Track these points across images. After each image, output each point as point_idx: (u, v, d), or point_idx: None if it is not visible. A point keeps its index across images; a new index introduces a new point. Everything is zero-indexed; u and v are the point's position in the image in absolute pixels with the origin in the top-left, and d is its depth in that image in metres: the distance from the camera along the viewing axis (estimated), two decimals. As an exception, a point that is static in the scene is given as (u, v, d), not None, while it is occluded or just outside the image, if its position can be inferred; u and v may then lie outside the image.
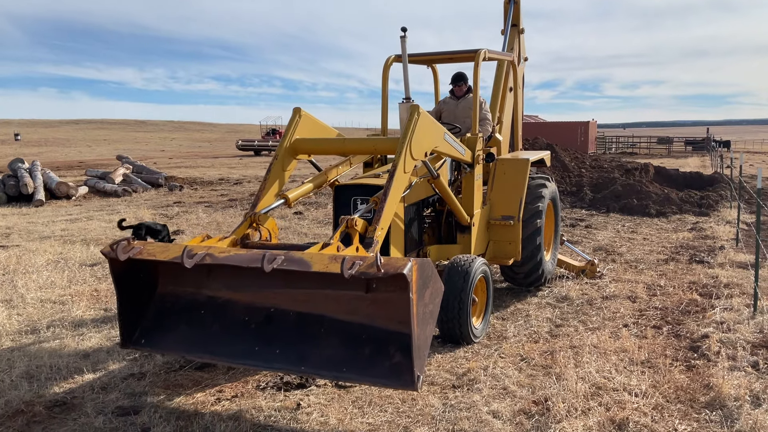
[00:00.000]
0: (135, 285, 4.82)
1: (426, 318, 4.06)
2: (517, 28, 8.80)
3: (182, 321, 4.78)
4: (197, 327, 4.73)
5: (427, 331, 4.10)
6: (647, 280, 8.40)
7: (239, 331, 4.59)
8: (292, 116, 6.06)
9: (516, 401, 4.73)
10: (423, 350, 4.03)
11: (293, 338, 4.42)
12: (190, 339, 4.71)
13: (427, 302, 4.08)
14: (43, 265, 9.14)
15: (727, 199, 16.08)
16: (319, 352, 4.32)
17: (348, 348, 4.25)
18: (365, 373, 4.14)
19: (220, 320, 4.69)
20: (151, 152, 52.18)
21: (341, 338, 4.30)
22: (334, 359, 4.25)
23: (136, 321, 4.87)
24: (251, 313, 4.61)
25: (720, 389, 4.84)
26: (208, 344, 4.62)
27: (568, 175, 18.77)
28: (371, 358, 4.14)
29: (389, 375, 4.05)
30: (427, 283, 4.06)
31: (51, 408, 4.62)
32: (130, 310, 4.82)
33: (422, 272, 3.98)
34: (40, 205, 16.78)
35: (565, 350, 5.77)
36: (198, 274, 4.59)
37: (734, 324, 6.40)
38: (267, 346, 4.43)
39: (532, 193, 7.42)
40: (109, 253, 4.58)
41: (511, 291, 7.89)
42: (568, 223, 13.27)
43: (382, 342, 4.16)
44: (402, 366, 3.98)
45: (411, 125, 5.31)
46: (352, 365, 4.18)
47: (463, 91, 7.61)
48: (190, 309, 4.80)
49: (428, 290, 4.09)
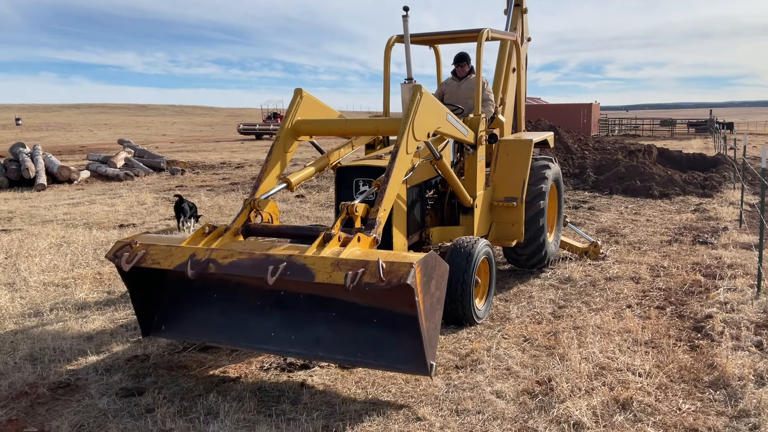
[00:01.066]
0: (145, 276, 4.83)
1: (434, 307, 4.09)
2: (520, 8, 8.71)
3: (196, 305, 4.81)
4: (213, 312, 4.75)
5: (436, 318, 4.14)
6: (651, 261, 8.38)
7: (253, 315, 4.61)
8: (293, 97, 6.02)
9: (519, 381, 4.73)
10: (434, 339, 4.07)
11: (305, 321, 4.43)
12: (207, 323, 4.74)
13: (433, 292, 4.10)
14: (46, 249, 9.14)
15: (730, 180, 16.04)
16: (334, 336, 4.33)
17: (362, 332, 4.26)
18: (380, 357, 4.18)
19: (233, 304, 4.71)
20: (153, 136, 52.09)
21: (355, 322, 4.31)
22: (350, 344, 4.26)
23: (152, 309, 4.93)
24: (262, 297, 4.63)
25: (724, 369, 4.84)
26: (224, 331, 4.65)
27: (571, 157, 18.70)
28: (386, 343, 4.16)
29: (404, 360, 4.10)
30: (431, 275, 4.08)
31: (55, 390, 4.63)
32: (143, 300, 4.88)
33: (425, 269, 4.00)
34: (42, 190, 16.78)
35: (568, 331, 5.77)
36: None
37: (738, 304, 6.39)
38: (282, 331, 4.46)
39: (535, 174, 7.38)
40: (113, 260, 4.62)
41: (514, 272, 7.88)
42: (571, 204, 13.23)
43: (394, 323, 4.18)
44: (416, 351, 4.02)
45: (413, 106, 5.27)
46: (367, 350, 4.20)
47: (465, 71, 7.54)
48: (202, 292, 4.82)
49: (433, 281, 4.12)
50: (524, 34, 8.79)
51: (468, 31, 7.14)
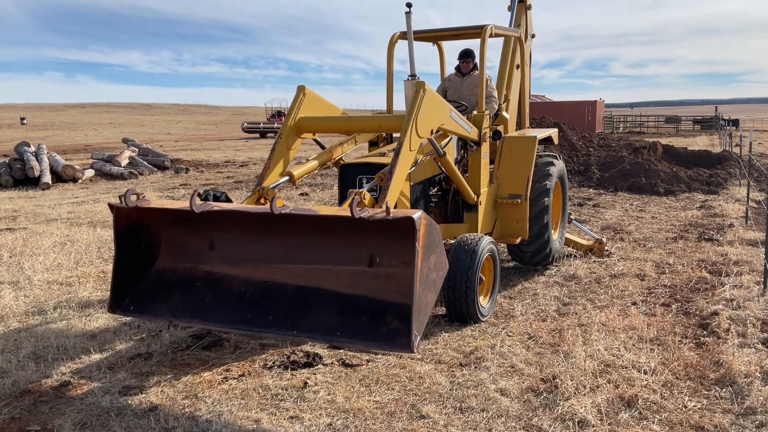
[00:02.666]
0: (134, 253, 4.85)
1: (428, 283, 4.05)
2: (524, 4, 8.67)
3: (177, 293, 4.83)
4: (191, 298, 4.77)
5: (429, 297, 4.08)
6: (656, 259, 8.34)
7: (233, 302, 4.64)
8: (296, 94, 6.00)
9: (524, 379, 4.70)
10: (423, 314, 3.99)
11: (289, 307, 4.44)
12: (179, 307, 4.75)
13: (431, 267, 4.06)
14: (50, 247, 9.14)
15: (736, 177, 15.96)
16: (315, 319, 4.35)
17: (345, 315, 4.27)
18: (360, 336, 4.16)
19: (215, 292, 4.74)
20: (157, 135, 52.15)
21: (339, 308, 4.32)
22: (329, 324, 4.27)
23: (129, 288, 4.88)
24: (249, 286, 4.65)
25: (730, 366, 4.80)
26: (198, 311, 4.67)
27: (576, 154, 18.63)
28: (368, 323, 4.17)
29: (385, 338, 4.06)
30: (433, 247, 4.06)
31: (58, 388, 4.62)
32: (125, 275, 4.84)
33: (429, 231, 4.00)
34: (47, 188, 16.81)
35: (573, 328, 5.74)
36: (200, 245, 4.70)
37: (744, 301, 6.35)
38: (260, 315, 4.47)
39: (539, 171, 7.35)
40: (116, 204, 4.63)
41: (519, 270, 7.85)
42: (576, 202, 13.19)
43: (381, 310, 4.17)
44: (399, 330, 3.98)
45: (416, 102, 5.24)
46: (347, 330, 4.19)
47: (469, 67, 7.51)
48: (187, 283, 4.84)
49: (433, 256, 4.09)
50: (528, 30, 8.75)
51: (471, 27, 7.11)
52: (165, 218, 4.87)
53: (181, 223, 4.85)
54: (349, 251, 4.38)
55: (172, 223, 4.90)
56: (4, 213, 12.71)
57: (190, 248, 4.81)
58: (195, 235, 4.84)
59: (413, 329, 3.84)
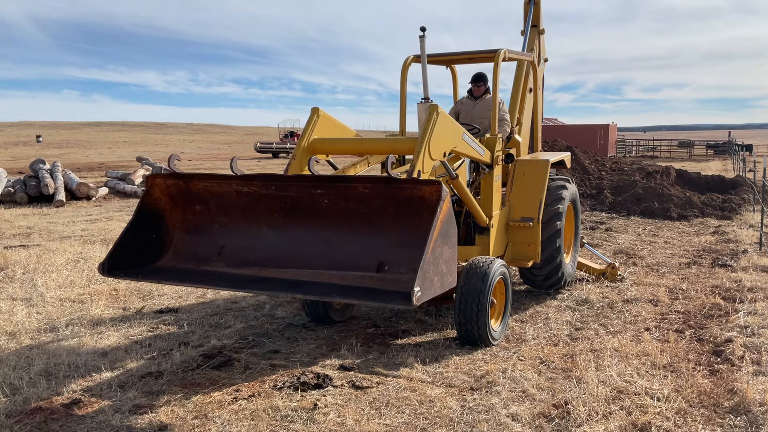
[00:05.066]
0: (150, 229, 5.05)
1: (438, 254, 4.11)
2: (537, 29, 8.72)
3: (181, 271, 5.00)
4: (191, 273, 4.95)
5: (437, 265, 4.12)
6: (669, 284, 8.28)
7: (233, 272, 4.86)
8: (310, 116, 6.05)
9: (535, 404, 4.66)
10: (429, 272, 4.02)
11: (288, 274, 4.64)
12: (173, 274, 4.95)
13: (442, 247, 4.15)
14: (63, 265, 9.20)
15: (749, 203, 15.85)
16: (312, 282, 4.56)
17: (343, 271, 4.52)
18: (357, 294, 4.36)
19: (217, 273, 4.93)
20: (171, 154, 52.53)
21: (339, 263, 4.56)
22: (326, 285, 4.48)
23: (130, 257, 4.95)
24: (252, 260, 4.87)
25: (744, 394, 4.74)
26: (189, 277, 4.90)
27: (588, 177, 18.60)
28: (367, 282, 4.38)
29: (385, 296, 4.23)
30: (448, 236, 4.21)
31: (69, 406, 4.63)
32: (132, 244, 4.94)
33: (449, 212, 4.20)
34: (61, 206, 16.94)
35: (585, 353, 5.69)
36: (212, 244, 4.95)
37: (758, 328, 6.28)
38: (257, 283, 4.70)
39: (551, 194, 7.34)
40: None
41: (530, 293, 7.81)
42: (588, 226, 13.14)
43: (382, 264, 4.42)
44: (407, 284, 4.04)
45: (429, 125, 5.27)
46: (344, 288, 4.40)
47: (481, 91, 7.55)
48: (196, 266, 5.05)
49: (447, 247, 4.21)
50: (541, 54, 8.79)
51: (485, 51, 7.15)
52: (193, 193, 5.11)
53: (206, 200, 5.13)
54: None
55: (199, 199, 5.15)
56: (19, 230, 12.82)
57: (207, 238, 5.02)
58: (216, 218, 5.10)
59: (416, 281, 3.86)
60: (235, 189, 4.87)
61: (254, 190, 4.83)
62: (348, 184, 4.70)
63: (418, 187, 4.31)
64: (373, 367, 5.39)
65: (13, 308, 7.00)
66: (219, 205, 5.07)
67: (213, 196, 5.04)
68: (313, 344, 6.01)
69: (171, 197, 5.10)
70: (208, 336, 6.19)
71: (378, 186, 4.49)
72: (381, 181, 4.50)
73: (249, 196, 4.87)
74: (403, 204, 4.41)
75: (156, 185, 5.02)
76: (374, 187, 4.50)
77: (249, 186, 4.81)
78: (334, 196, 4.66)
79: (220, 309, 7.17)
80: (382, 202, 4.52)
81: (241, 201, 4.93)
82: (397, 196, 4.43)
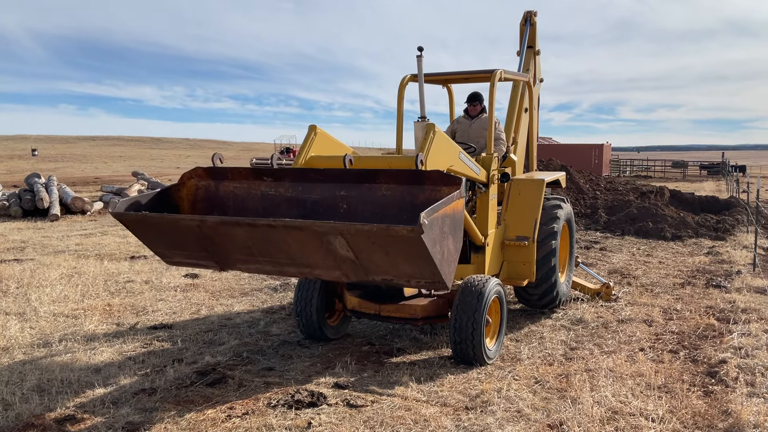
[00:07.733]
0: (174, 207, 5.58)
1: (443, 227, 4.50)
2: (533, 50, 8.81)
3: None
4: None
5: (443, 239, 4.52)
6: (663, 304, 8.30)
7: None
8: (307, 133, 6.08)
9: (530, 424, 4.65)
10: (436, 224, 4.33)
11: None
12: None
13: (449, 234, 4.61)
14: (57, 279, 9.17)
15: (743, 224, 15.92)
16: None
17: None
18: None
19: None
20: (167, 169, 52.51)
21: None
22: None
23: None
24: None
25: (739, 416, 4.74)
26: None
27: (583, 197, 18.67)
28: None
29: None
30: (455, 227, 4.73)
31: (61, 422, 4.60)
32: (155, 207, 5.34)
33: (457, 209, 4.70)
34: (56, 220, 16.89)
35: (580, 373, 5.69)
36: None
37: (752, 349, 6.29)
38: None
39: (547, 214, 7.37)
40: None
41: (525, 312, 7.81)
42: (583, 245, 13.17)
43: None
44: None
45: (426, 144, 5.30)
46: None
47: (477, 110, 7.60)
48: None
49: (451, 239, 4.67)
50: (537, 75, 8.87)
51: (481, 71, 7.21)
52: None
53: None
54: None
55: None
56: (13, 244, 12.77)
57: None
58: None
59: (426, 215, 4.15)
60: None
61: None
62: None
63: (438, 188, 4.87)
64: (367, 385, 5.37)
65: (6, 323, 6.97)
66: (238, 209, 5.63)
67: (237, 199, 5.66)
68: (308, 362, 5.99)
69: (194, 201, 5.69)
70: (202, 353, 6.17)
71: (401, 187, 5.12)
72: (405, 182, 5.11)
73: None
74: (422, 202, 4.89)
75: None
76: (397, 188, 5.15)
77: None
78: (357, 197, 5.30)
79: (215, 325, 7.16)
80: (410, 199, 5.07)
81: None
82: (417, 199, 4.98)
